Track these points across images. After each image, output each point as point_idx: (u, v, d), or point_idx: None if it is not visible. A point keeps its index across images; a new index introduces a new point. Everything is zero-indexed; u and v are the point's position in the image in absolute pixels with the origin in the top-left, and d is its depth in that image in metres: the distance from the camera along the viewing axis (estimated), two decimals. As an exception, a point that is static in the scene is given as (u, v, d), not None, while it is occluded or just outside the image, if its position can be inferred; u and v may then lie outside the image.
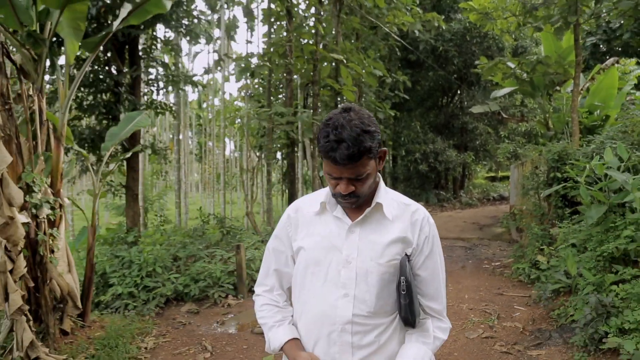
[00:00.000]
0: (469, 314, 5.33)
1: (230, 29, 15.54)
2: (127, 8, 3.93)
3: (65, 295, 4.23)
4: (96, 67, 7.42)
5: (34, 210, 3.85)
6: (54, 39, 5.51)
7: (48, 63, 4.46)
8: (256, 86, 14.22)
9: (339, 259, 1.40)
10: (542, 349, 4.21)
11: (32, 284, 3.75)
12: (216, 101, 31.01)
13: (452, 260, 8.57)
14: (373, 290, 1.38)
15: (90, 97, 7.47)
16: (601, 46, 16.67)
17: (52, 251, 4.11)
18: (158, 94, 9.05)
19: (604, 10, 9.01)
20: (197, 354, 4.43)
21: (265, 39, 11.81)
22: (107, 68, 7.58)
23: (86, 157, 5.24)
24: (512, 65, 11.36)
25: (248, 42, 16.72)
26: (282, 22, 10.67)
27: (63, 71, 4.35)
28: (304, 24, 9.36)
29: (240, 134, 22.32)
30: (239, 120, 15.07)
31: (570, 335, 4.22)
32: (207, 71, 17.58)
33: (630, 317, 3.49)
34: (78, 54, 6.56)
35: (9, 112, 3.67)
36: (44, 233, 3.95)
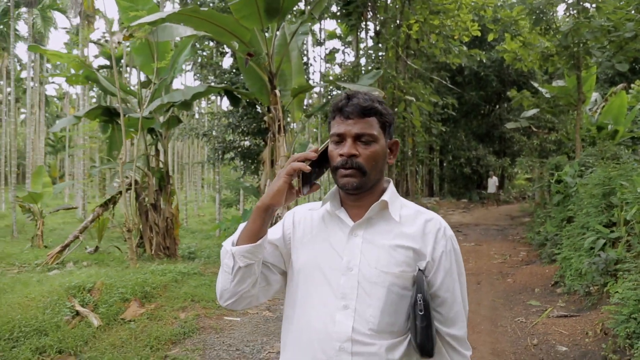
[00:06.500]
0: (494, 255, 9.54)
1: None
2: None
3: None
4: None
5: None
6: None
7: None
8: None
9: (339, 266, 1.24)
10: (529, 266, 8.36)
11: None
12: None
13: (487, 235, 12.68)
14: (377, 304, 1.20)
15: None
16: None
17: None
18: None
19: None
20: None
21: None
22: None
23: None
24: (542, 90, 15.14)
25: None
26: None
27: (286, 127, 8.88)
28: (389, 76, 13.71)
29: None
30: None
31: (543, 259, 8.37)
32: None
33: (566, 242, 7.59)
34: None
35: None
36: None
